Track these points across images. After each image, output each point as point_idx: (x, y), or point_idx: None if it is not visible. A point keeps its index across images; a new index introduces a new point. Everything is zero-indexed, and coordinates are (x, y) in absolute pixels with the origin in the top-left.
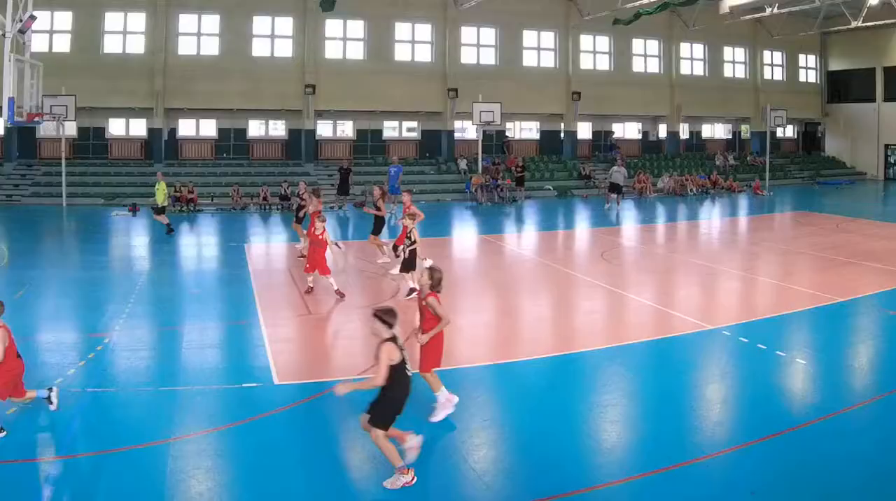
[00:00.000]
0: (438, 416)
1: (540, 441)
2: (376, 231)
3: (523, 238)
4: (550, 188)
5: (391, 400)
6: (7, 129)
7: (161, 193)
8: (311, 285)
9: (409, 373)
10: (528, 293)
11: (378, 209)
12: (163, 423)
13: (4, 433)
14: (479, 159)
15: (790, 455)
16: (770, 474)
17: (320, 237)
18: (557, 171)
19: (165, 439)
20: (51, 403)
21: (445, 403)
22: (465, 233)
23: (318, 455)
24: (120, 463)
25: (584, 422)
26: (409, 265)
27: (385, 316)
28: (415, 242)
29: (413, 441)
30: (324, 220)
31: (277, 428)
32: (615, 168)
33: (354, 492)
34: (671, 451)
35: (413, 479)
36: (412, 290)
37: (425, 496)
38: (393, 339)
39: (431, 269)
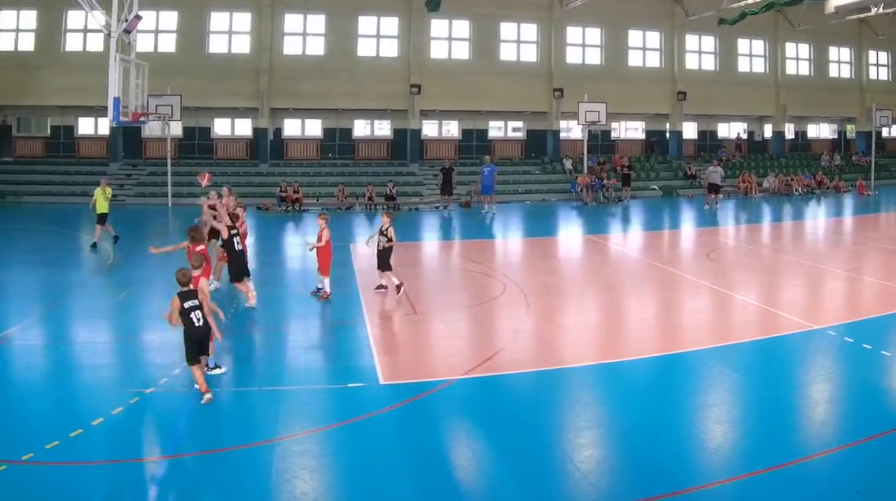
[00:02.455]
0: None
1: (645, 441)
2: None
3: (629, 238)
4: (656, 188)
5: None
6: (112, 129)
7: (101, 199)
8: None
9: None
10: (633, 293)
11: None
12: (268, 423)
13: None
14: (585, 159)
15: None
16: (876, 474)
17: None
18: (663, 171)
19: (270, 439)
20: None
21: None
22: (570, 233)
23: (424, 455)
24: (225, 463)
25: (689, 422)
26: (384, 264)
27: (181, 277)
28: (391, 240)
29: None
30: (326, 218)
31: (382, 429)
32: (711, 168)
33: (460, 492)
34: (776, 451)
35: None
36: (398, 287)
37: (530, 495)
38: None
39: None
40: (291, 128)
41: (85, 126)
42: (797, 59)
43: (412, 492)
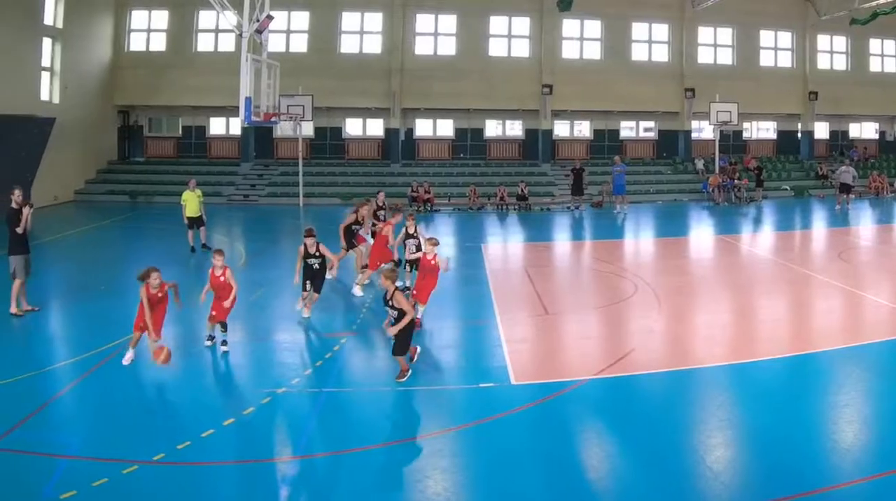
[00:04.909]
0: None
1: (776, 441)
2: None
3: (759, 238)
4: (787, 188)
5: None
6: (244, 130)
7: (195, 203)
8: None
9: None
10: (764, 293)
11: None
12: (399, 423)
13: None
14: (716, 159)
15: None
16: None
17: (433, 263)
18: (794, 171)
19: (402, 439)
20: None
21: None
22: (702, 234)
23: (555, 455)
24: (357, 463)
25: (820, 422)
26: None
27: (390, 274)
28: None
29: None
30: (436, 244)
31: (514, 429)
32: (843, 168)
33: (592, 492)
34: None
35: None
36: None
37: (662, 495)
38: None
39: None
40: (423, 128)
41: (216, 126)
42: None
43: (544, 492)
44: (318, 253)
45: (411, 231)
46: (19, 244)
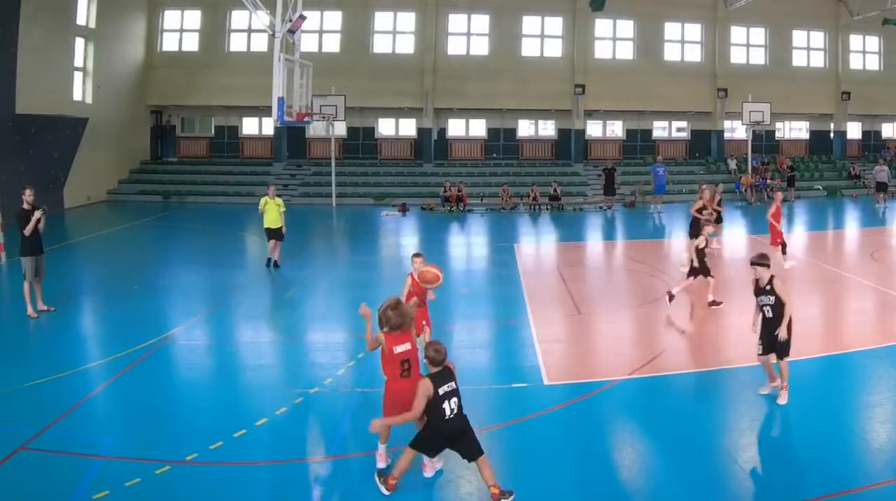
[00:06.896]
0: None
1: (809, 441)
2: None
3: (792, 237)
4: (820, 188)
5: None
6: (276, 130)
7: (274, 212)
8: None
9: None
10: (796, 292)
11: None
12: None
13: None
14: (749, 159)
15: None
16: None
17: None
18: (827, 171)
19: None
20: None
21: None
22: (734, 233)
23: (587, 456)
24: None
25: (853, 422)
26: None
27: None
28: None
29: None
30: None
31: (546, 429)
32: (878, 167)
33: (624, 493)
34: None
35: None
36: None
37: (694, 495)
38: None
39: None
40: (456, 128)
41: (249, 126)
42: None
43: (576, 493)
44: (770, 288)
45: (763, 284)
46: (28, 245)
